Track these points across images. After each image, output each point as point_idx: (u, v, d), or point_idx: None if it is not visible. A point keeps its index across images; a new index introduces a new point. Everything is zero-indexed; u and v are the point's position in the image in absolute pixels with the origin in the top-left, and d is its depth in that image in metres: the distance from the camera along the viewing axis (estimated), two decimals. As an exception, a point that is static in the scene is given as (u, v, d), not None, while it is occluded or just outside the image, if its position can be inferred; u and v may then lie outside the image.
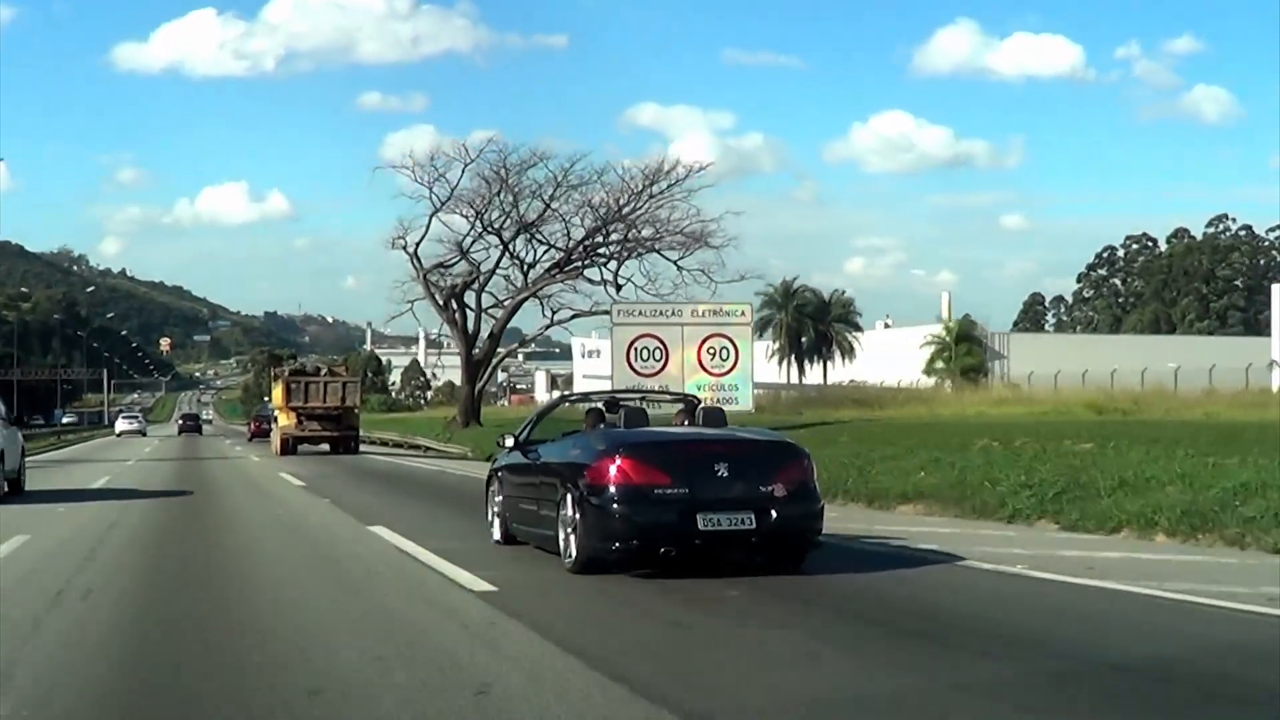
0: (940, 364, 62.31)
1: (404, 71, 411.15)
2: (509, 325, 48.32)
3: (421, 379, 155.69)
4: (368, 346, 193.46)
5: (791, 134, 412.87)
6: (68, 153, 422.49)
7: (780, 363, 70.23)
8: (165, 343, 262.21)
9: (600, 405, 10.77)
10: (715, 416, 9.94)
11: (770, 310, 70.90)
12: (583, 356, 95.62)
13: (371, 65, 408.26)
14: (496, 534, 10.90)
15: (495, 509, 11.03)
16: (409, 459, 33.95)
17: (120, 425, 66.82)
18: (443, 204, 44.01)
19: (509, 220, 44.43)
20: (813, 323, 70.97)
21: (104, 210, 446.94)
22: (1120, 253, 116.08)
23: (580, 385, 67.47)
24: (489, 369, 48.18)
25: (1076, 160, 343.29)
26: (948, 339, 63.71)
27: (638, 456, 8.49)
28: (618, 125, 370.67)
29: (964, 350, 62.68)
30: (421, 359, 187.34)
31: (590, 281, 44.44)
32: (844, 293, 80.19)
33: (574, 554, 8.68)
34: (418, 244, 44.80)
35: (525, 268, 45.27)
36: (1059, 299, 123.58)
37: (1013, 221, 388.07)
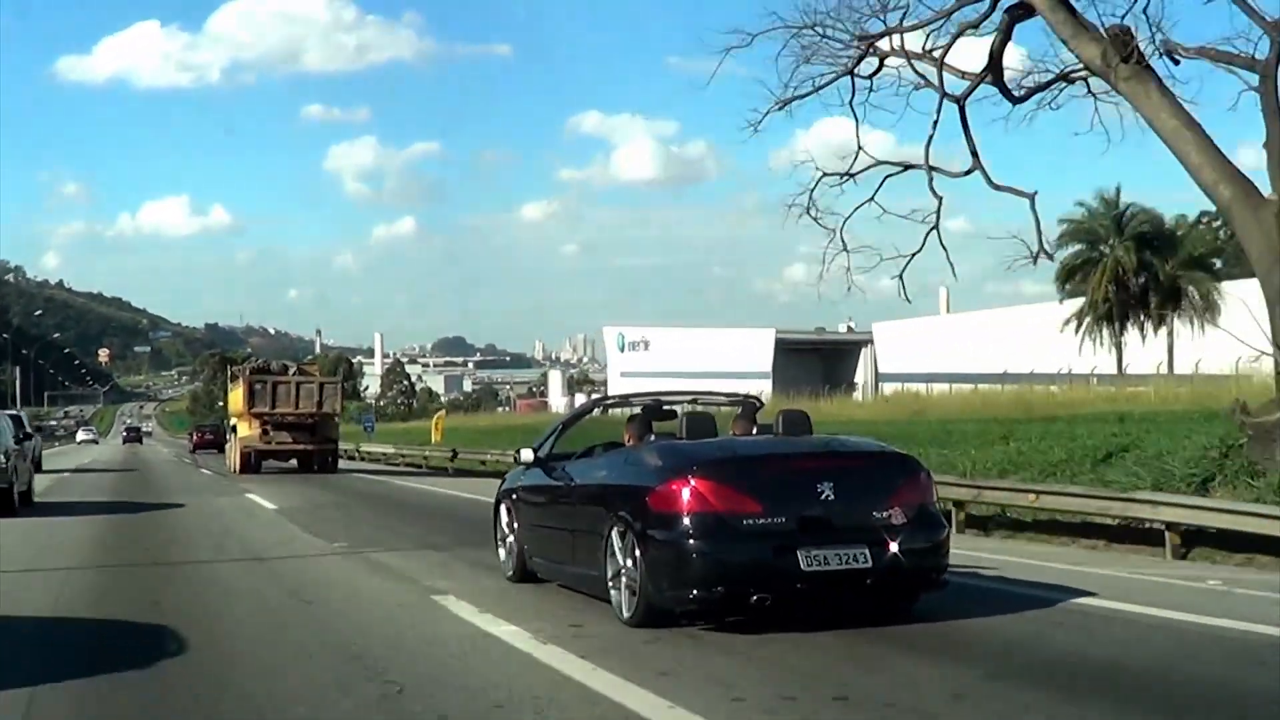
0: None
1: (348, 82, 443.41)
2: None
3: (405, 382, 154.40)
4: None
5: (734, 141, 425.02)
6: (6, 167, 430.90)
7: (1078, 331, 49.28)
8: (104, 353, 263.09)
9: (640, 411, 9.76)
10: (798, 421, 8.90)
11: (1082, 245, 49.31)
12: (620, 350, 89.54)
13: (316, 76, 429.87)
14: (509, 569, 10.20)
15: (508, 539, 10.30)
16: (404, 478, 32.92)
17: (80, 435, 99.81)
18: None
19: None
20: (1161, 264, 47.54)
21: (44, 225, 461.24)
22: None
23: (618, 388, 60.48)
24: None
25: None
26: None
27: (718, 477, 7.51)
28: (563, 133, 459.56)
29: None
30: (379, 365, 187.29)
31: None
32: (1201, 221, 52.18)
33: (633, 602, 7.71)
34: None
35: None
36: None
37: (955, 224, 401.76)
